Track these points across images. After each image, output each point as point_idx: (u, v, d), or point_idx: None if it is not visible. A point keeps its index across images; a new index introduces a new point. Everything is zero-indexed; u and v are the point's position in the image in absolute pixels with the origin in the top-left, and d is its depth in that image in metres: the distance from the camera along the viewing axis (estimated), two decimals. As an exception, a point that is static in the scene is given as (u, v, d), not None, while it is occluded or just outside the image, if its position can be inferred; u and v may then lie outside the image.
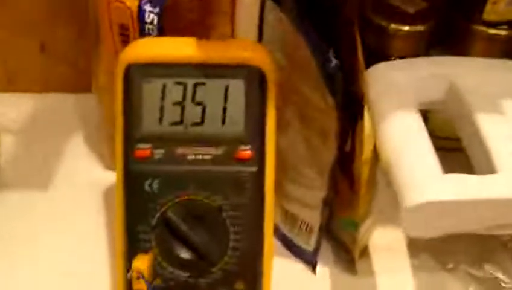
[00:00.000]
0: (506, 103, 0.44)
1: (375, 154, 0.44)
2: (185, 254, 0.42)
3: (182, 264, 0.42)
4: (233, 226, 0.42)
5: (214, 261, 0.42)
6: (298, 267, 0.50)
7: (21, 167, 0.56)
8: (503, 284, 0.49)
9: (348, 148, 0.44)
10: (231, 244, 0.42)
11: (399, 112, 0.43)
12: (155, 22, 0.45)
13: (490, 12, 0.50)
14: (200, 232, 0.42)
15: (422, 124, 0.43)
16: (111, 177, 0.50)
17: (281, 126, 0.44)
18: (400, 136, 0.42)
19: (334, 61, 0.40)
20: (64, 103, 0.61)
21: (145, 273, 0.40)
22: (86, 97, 0.58)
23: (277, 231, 0.50)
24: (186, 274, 0.42)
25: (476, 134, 0.42)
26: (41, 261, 0.49)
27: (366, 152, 0.43)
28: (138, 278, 0.39)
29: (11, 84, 0.61)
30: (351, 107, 0.43)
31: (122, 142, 0.42)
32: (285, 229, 0.50)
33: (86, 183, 0.55)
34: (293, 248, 0.50)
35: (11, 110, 0.59)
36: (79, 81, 0.59)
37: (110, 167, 0.54)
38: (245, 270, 0.42)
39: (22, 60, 0.60)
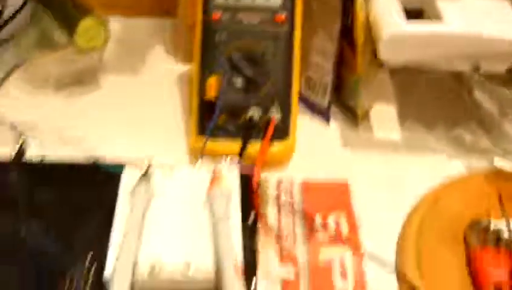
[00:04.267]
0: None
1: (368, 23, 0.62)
2: (240, 81, 0.62)
3: (239, 87, 0.62)
4: (272, 65, 0.62)
5: (259, 86, 0.62)
6: (316, 121, 0.69)
7: (118, 64, 0.73)
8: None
9: (349, 22, 0.64)
10: (271, 77, 0.62)
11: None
12: None
13: None
14: (251, 67, 0.62)
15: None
16: (182, 69, 0.72)
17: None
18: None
19: None
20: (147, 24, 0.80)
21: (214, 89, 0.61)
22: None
23: (301, 97, 0.68)
24: (242, 94, 0.62)
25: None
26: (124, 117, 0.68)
27: (360, 18, 0.62)
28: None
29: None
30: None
31: (202, 10, 0.63)
32: (307, 94, 0.69)
33: (163, 72, 0.73)
34: (312, 106, 0.69)
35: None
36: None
37: (181, 60, 0.75)
38: (279, 97, 0.62)
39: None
